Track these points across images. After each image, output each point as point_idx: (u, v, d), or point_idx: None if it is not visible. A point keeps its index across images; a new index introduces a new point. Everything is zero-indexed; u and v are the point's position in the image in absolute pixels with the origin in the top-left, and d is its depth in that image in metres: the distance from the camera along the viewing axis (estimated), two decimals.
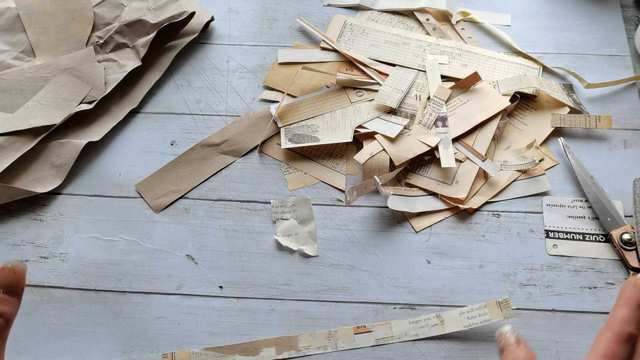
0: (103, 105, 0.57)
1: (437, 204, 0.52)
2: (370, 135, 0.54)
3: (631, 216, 0.51)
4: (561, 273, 0.49)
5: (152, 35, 0.57)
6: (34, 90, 0.55)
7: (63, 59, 0.57)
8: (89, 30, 0.59)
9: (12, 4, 0.60)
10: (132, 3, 0.60)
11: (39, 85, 0.56)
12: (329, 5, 0.64)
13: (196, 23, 0.61)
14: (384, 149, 0.52)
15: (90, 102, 0.55)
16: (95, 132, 0.55)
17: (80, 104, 0.55)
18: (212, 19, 0.62)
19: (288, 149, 0.55)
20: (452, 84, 0.57)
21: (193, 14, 0.59)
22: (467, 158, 0.53)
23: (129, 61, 0.58)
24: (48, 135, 0.54)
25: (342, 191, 0.53)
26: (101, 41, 0.59)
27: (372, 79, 0.58)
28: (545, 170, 0.53)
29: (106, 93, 0.56)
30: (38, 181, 0.52)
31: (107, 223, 0.52)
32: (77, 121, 0.55)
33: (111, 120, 0.56)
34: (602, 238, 0.50)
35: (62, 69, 0.57)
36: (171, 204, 0.52)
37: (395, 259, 0.50)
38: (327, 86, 0.58)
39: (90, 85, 0.56)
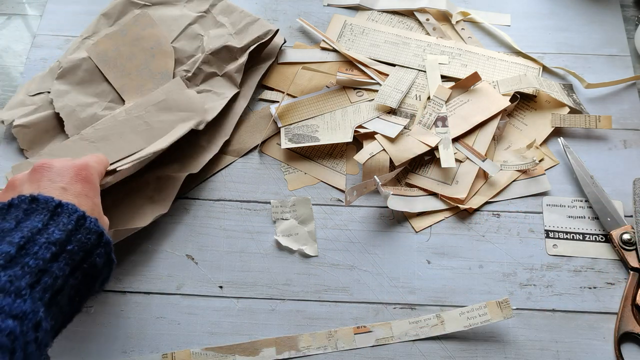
0: (196, 142, 0.54)
1: (437, 204, 0.52)
2: (370, 135, 0.54)
3: (631, 216, 0.51)
4: (561, 273, 0.49)
5: (244, 59, 0.56)
6: (134, 130, 0.53)
7: (152, 95, 0.55)
8: (172, 63, 0.57)
9: (85, 54, 0.58)
10: (210, 31, 0.59)
11: (134, 124, 0.53)
12: (329, 5, 0.64)
13: (272, 46, 0.59)
14: (384, 149, 0.52)
15: (197, 126, 0.52)
16: (193, 166, 0.53)
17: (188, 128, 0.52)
18: (284, 42, 0.60)
19: (288, 149, 0.55)
20: (452, 84, 0.57)
21: (277, 31, 0.58)
22: (467, 158, 0.53)
23: (225, 89, 0.56)
24: (145, 169, 0.51)
25: (342, 191, 0.53)
26: (189, 74, 0.57)
27: (372, 79, 0.58)
28: (545, 170, 0.53)
29: (213, 117, 0.53)
30: (139, 215, 0.50)
31: None
32: (172, 159, 0.53)
33: (206, 154, 0.53)
34: (602, 238, 0.50)
35: (153, 104, 0.54)
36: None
37: (395, 259, 0.50)
38: (327, 86, 0.58)
39: (192, 112, 0.53)
